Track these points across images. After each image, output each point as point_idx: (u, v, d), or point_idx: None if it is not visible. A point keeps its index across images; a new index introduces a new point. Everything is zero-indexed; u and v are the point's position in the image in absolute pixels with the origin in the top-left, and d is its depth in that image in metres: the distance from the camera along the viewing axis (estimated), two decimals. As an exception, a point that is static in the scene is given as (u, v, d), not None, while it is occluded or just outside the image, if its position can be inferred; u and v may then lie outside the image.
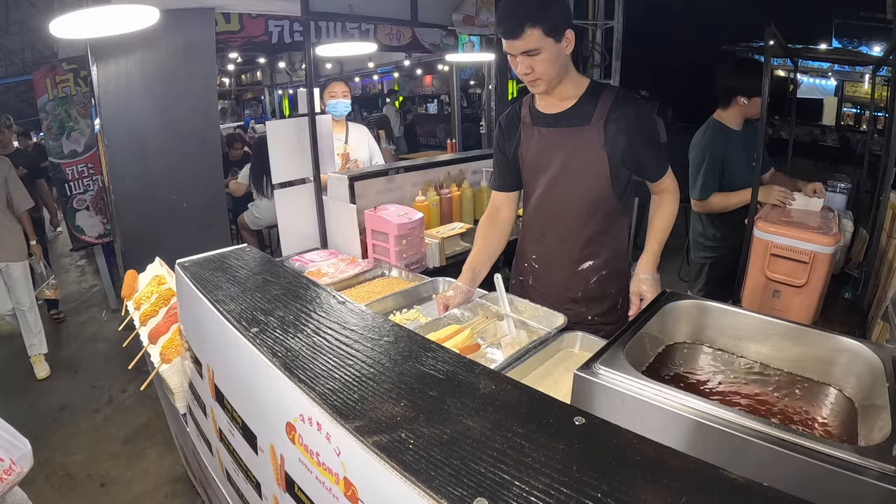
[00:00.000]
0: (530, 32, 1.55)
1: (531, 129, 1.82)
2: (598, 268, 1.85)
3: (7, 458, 1.53)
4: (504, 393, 0.83)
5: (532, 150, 1.83)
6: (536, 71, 1.62)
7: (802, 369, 1.23)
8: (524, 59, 1.61)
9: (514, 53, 1.62)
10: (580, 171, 1.75)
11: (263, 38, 5.53)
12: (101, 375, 3.85)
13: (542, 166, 1.82)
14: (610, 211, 1.78)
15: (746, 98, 2.73)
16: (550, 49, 1.59)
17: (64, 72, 4.55)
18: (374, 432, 0.76)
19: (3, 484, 1.51)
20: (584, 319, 1.86)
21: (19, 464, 1.56)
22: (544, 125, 1.79)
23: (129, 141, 2.66)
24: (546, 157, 1.80)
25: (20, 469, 1.56)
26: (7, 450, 1.55)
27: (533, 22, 1.54)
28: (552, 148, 1.78)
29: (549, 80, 1.66)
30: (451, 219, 3.09)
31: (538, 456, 0.68)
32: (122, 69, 2.58)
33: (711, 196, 2.78)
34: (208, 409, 1.51)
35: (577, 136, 1.72)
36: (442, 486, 0.65)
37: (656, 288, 1.71)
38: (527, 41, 1.57)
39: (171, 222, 2.80)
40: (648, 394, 0.95)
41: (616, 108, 1.68)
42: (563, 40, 1.61)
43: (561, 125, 1.76)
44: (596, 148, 1.70)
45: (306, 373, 0.93)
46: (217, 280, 1.43)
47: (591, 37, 4.85)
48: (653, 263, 1.81)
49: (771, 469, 0.84)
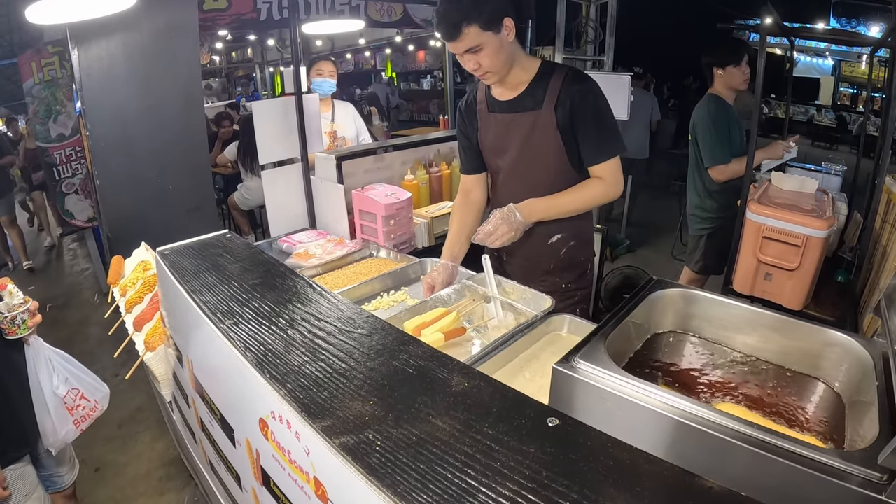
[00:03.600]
0: (467, 31, 1.56)
1: (487, 115, 1.86)
2: (567, 239, 1.90)
3: (93, 399, 1.88)
4: (477, 391, 0.80)
5: (490, 135, 1.87)
6: (483, 66, 1.65)
7: (790, 362, 1.20)
8: (469, 57, 1.64)
9: (458, 53, 1.65)
10: (537, 153, 1.78)
11: (252, 15, 5.42)
12: (93, 360, 3.84)
13: (501, 151, 1.87)
14: (572, 183, 1.79)
15: (721, 69, 2.91)
16: (492, 42, 1.60)
17: (49, 55, 4.46)
18: (342, 433, 0.74)
19: (89, 420, 1.88)
20: (558, 288, 1.91)
21: (101, 403, 1.92)
22: (500, 111, 1.82)
23: (113, 125, 2.59)
24: (504, 142, 1.84)
25: (102, 407, 1.93)
26: (92, 392, 1.89)
27: (469, 20, 1.54)
28: (508, 134, 1.82)
29: (498, 72, 1.69)
30: (441, 197, 3.05)
31: (507, 460, 0.65)
32: (103, 52, 2.50)
33: (732, 161, 2.86)
34: (190, 399, 1.50)
35: (531, 120, 1.75)
36: (407, 491, 0.63)
37: (511, 227, 1.73)
38: (466, 41, 1.58)
39: (157, 205, 2.76)
40: (629, 391, 0.92)
41: (565, 89, 1.69)
42: (502, 30, 1.61)
43: (515, 110, 1.79)
44: (549, 130, 1.73)
45: (278, 369, 0.91)
46: (196, 269, 1.40)
47: (585, 12, 4.76)
48: (531, 206, 1.76)
49: (753, 470, 0.81)
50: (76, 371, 1.86)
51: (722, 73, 2.92)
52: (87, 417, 1.88)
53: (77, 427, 1.84)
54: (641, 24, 7.20)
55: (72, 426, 1.82)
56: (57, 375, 1.79)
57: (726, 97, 2.96)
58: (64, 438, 1.82)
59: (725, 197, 2.97)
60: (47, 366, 1.77)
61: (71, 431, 1.83)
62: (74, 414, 1.83)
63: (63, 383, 1.80)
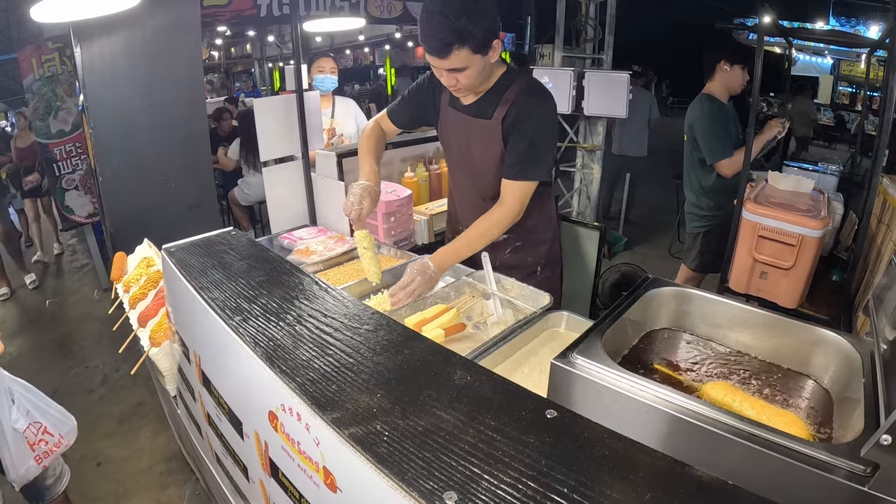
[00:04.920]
0: (457, 53, 1.51)
1: (447, 107, 1.88)
2: (513, 240, 1.95)
3: (57, 433, 1.77)
4: (479, 384, 0.84)
5: (446, 128, 1.92)
6: (461, 83, 1.62)
7: (782, 359, 1.24)
8: (450, 74, 1.60)
9: (440, 69, 1.60)
10: (484, 159, 1.83)
11: (252, 11, 5.44)
12: (94, 355, 3.87)
13: (453, 146, 1.93)
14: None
15: (728, 64, 2.91)
16: (477, 64, 1.57)
17: (49, 51, 4.46)
18: (351, 424, 0.77)
19: (53, 455, 1.77)
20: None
21: (67, 437, 1.81)
22: (457, 109, 1.85)
23: (116, 122, 2.62)
24: (455, 139, 1.89)
25: (67, 442, 1.81)
26: (57, 426, 1.78)
27: (462, 43, 1.49)
28: (460, 133, 1.86)
29: (473, 89, 1.71)
30: (441, 195, 3.06)
31: (508, 449, 0.69)
32: (105, 50, 2.52)
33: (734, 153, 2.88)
34: (196, 393, 1.53)
35: (480, 128, 1.78)
36: (414, 478, 0.66)
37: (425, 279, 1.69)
38: (453, 61, 1.53)
39: (159, 201, 2.79)
40: (624, 385, 0.95)
41: (517, 102, 1.69)
42: (489, 52, 1.58)
43: (470, 114, 1.80)
44: (494, 141, 1.76)
45: (287, 363, 0.94)
46: (202, 266, 1.43)
47: (585, 11, 4.78)
48: (443, 256, 1.75)
49: (743, 463, 0.85)
50: (39, 403, 1.77)
51: (728, 70, 2.92)
52: (51, 453, 1.75)
53: (39, 463, 1.72)
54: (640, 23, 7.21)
55: (33, 462, 1.71)
56: (17, 408, 1.69)
57: (720, 97, 2.98)
58: (25, 475, 1.71)
59: (722, 195, 2.99)
60: (6, 397, 1.67)
61: (32, 468, 1.71)
62: (36, 449, 1.71)
63: (24, 416, 1.69)
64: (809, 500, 0.82)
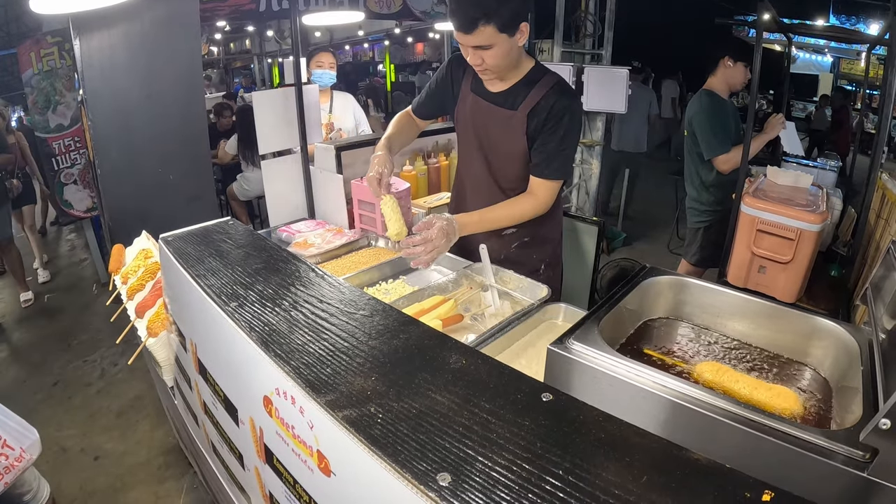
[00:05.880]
0: (483, 29, 1.52)
1: (469, 93, 1.86)
2: (521, 235, 1.93)
3: (18, 447, 1.62)
4: (475, 368, 0.83)
5: (465, 114, 1.89)
6: (487, 63, 1.62)
7: (780, 348, 1.24)
8: (476, 53, 1.61)
9: (466, 45, 1.61)
10: (503, 151, 1.82)
11: (251, 6, 5.42)
12: (92, 349, 3.86)
13: (471, 134, 1.89)
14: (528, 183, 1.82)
15: (732, 60, 2.91)
16: (503, 45, 1.58)
17: (49, 45, 4.45)
18: (345, 406, 0.77)
19: (14, 471, 1.61)
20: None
21: (29, 451, 1.65)
22: (481, 96, 1.83)
23: (114, 115, 2.60)
24: (475, 127, 1.86)
25: (30, 456, 1.65)
26: (18, 439, 1.64)
27: (487, 19, 1.50)
28: (482, 122, 1.84)
29: (499, 72, 1.70)
30: (439, 188, 3.06)
31: (503, 432, 0.68)
32: (104, 42, 2.51)
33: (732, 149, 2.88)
34: (193, 382, 1.52)
35: (504, 119, 1.77)
36: (407, 460, 0.66)
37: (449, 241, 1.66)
38: (479, 37, 1.54)
39: (157, 195, 2.77)
40: (621, 370, 0.95)
41: (544, 100, 1.70)
42: (516, 34, 1.59)
43: (494, 103, 1.80)
44: (518, 134, 1.75)
45: (282, 347, 0.94)
46: (199, 254, 1.42)
47: (584, 6, 4.78)
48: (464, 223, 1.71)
49: (741, 448, 0.84)
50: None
51: (731, 65, 2.92)
52: (12, 468, 1.60)
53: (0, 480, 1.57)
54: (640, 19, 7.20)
55: None
56: None
57: (721, 93, 2.98)
58: None
59: (722, 190, 3.00)
60: None
61: None
62: None
63: None
64: (809, 486, 0.81)
